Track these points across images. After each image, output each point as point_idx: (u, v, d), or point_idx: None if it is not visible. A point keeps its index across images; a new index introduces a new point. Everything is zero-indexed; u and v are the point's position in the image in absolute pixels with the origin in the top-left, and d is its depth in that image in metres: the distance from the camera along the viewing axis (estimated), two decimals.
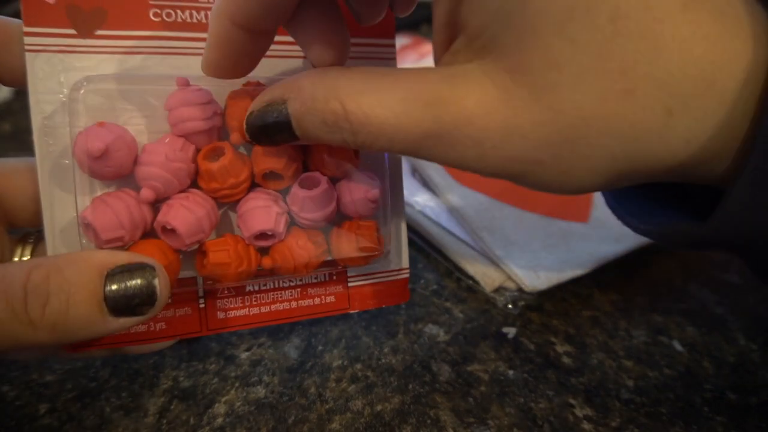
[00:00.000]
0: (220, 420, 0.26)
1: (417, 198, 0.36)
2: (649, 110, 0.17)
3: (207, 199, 0.23)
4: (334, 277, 0.27)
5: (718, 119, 0.17)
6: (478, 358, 0.29)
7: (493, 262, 0.33)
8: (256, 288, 0.26)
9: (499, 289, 0.32)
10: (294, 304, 0.26)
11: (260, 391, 0.27)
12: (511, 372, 0.28)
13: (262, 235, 0.23)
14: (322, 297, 0.27)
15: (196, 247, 0.23)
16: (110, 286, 0.19)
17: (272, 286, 0.26)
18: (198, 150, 0.23)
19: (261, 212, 0.23)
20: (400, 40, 0.51)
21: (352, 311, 0.27)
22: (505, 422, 0.26)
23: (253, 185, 0.24)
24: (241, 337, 0.29)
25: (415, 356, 0.29)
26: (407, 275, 0.28)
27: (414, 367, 0.28)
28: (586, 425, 0.26)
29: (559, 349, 0.29)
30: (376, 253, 0.25)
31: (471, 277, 0.33)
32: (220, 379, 0.27)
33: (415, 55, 0.49)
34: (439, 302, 0.32)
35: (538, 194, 0.37)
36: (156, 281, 0.20)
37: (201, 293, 0.25)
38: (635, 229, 0.22)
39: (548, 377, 0.28)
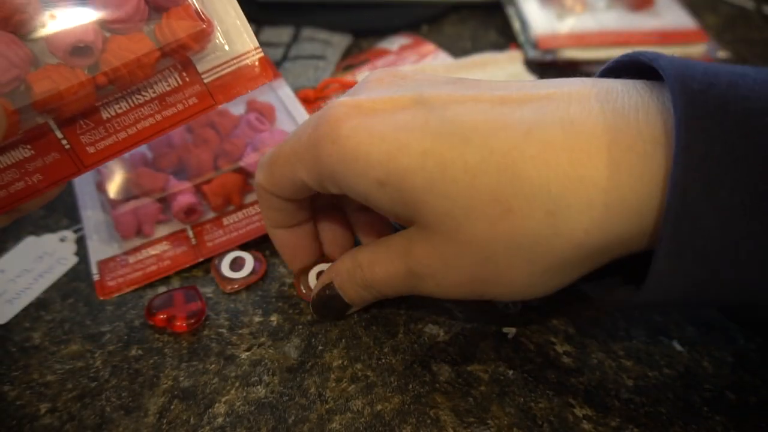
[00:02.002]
0: (220, 420, 0.26)
1: None
2: (530, 217, 0.20)
3: (2, 33, 0.23)
4: (187, 78, 0.27)
5: (601, 211, 0.20)
6: (478, 358, 0.29)
7: None
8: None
9: None
10: (158, 116, 0.26)
11: (260, 391, 0.27)
12: (511, 372, 0.28)
13: (79, 51, 0.23)
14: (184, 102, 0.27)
15: (18, 86, 0.23)
16: None
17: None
18: None
19: (72, 27, 0.23)
20: (400, 40, 0.51)
21: (219, 106, 0.27)
22: (505, 422, 0.26)
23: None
24: (241, 337, 0.29)
25: (415, 356, 0.29)
26: (261, 54, 0.27)
27: (414, 367, 0.28)
28: (585, 425, 0.26)
29: (559, 349, 0.29)
30: (201, 28, 0.25)
31: None
32: (220, 379, 0.27)
33: (416, 55, 0.49)
34: (439, 302, 0.32)
35: None
36: None
37: None
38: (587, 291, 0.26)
39: (548, 377, 0.28)
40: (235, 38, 0.27)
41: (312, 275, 0.30)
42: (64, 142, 0.25)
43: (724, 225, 0.19)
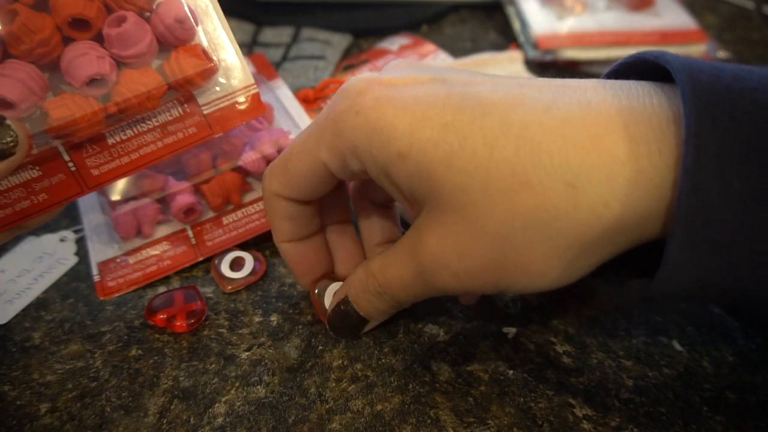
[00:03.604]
0: (220, 420, 0.26)
1: None
2: (549, 190, 0.20)
3: (23, 63, 0.24)
4: (188, 110, 0.28)
5: (629, 184, 0.20)
6: (478, 358, 0.29)
7: None
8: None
9: None
10: (160, 143, 0.28)
11: (260, 391, 0.27)
12: (511, 372, 0.28)
13: (95, 83, 0.25)
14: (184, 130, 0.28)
15: (34, 112, 0.25)
16: None
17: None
18: None
19: (82, 60, 0.25)
20: (400, 40, 0.51)
21: (216, 135, 0.29)
22: (505, 422, 0.26)
23: (65, 41, 0.25)
24: (241, 337, 0.29)
25: (415, 356, 0.29)
26: (256, 90, 0.29)
27: (414, 367, 0.28)
28: (585, 425, 0.26)
29: (559, 349, 0.29)
30: (208, 66, 0.27)
31: None
32: (220, 379, 0.27)
33: (416, 55, 0.49)
34: (439, 302, 0.32)
35: None
36: (8, 121, 0.23)
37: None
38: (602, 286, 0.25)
39: (548, 377, 0.28)
40: (234, 74, 0.28)
41: (328, 294, 0.29)
42: (71, 164, 0.27)
43: (737, 213, 0.18)
